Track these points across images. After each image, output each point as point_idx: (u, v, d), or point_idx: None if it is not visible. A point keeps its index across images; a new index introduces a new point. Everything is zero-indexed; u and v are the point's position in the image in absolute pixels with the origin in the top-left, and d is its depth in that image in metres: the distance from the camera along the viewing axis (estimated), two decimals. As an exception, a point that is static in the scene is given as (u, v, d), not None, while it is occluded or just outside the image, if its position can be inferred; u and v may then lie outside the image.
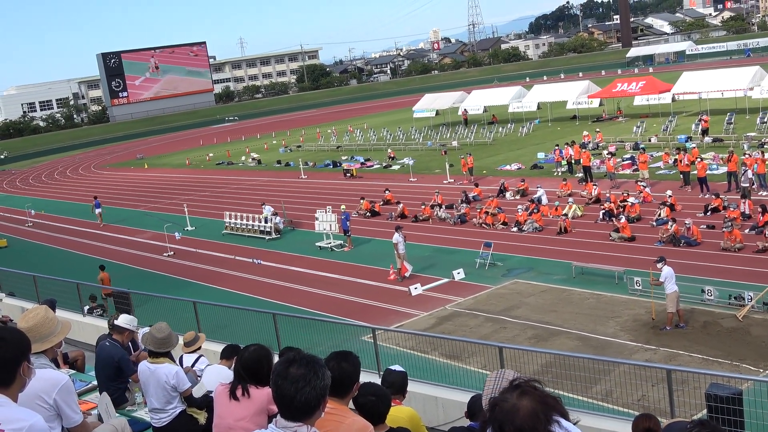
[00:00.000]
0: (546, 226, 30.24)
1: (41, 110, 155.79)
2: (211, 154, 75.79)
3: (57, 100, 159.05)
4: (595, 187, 34.21)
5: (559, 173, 40.15)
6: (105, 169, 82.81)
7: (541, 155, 45.99)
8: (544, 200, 33.63)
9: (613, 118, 58.50)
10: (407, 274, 25.72)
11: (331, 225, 31.90)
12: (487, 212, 32.36)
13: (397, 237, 25.54)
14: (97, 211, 45.76)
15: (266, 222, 35.69)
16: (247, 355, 5.92)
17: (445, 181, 42.55)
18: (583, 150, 39.43)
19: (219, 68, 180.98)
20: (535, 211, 31.43)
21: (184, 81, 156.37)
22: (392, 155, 54.66)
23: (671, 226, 26.02)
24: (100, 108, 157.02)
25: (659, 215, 28.57)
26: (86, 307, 20.22)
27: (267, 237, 35.22)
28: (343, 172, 51.13)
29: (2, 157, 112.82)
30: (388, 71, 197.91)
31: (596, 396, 13.56)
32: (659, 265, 19.01)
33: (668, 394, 10.49)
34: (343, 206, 33.03)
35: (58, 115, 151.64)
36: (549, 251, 27.07)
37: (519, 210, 31.20)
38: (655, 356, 16.91)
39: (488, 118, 67.82)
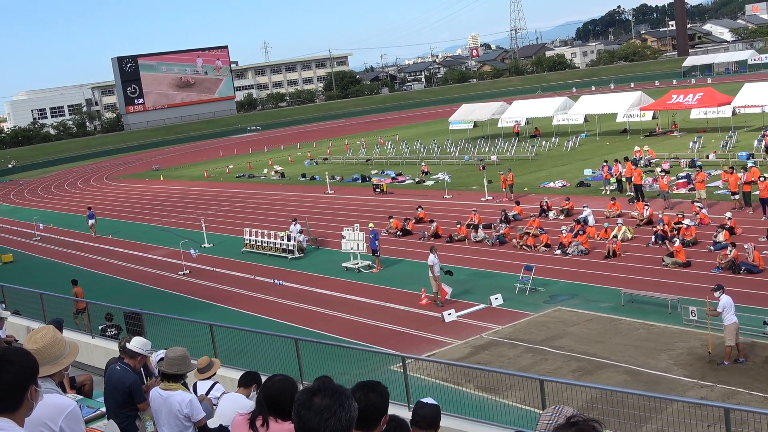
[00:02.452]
0: (592, 249, 30.02)
1: (52, 117, 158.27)
2: (231, 166, 76.42)
3: (69, 106, 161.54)
4: (646, 207, 33.92)
5: (608, 192, 39.88)
6: (118, 180, 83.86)
7: (588, 172, 45.75)
8: (591, 221, 33.40)
9: (668, 133, 58.04)
10: (448, 296, 25.66)
11: (358, 244, 31.94)
12: (528, 233, 32.22)
13: (432, 258, 25.49)
14: (90, 222, 47.30)
15: (289, 240, 35.84)
16: (270, 384, 5.92)
17: (482, 199, 42.48)
18: (635, 167, 39.13)
19: (241, 74, 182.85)
20: (580, 232, 31.21)
21: (203, 87, 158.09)
22: (426, 170, 54.68)
23: (730, 251, 25.69)
24: (115, 115, 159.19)
25: (717, 239, 28.23)
26: (101, 327, 20.41)
27: (290, 256, 35.35)
28: (372, 187, 51.27)
29: (10, 166, 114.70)
30: (423, 79, 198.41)
31: (646, 436, 13.37)
32: (717, 294, 18.77)
33: (726, 435, 10.31)
34: (371, 224, 33.09)
35: (70, 122, 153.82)
36: (595, 276, 26.85)
37: (563, 231, 31.01)
38: (711, 394, 16.67)
39: (530, 131, 67.70)
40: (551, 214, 36.43)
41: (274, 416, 5.83)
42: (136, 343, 9.70)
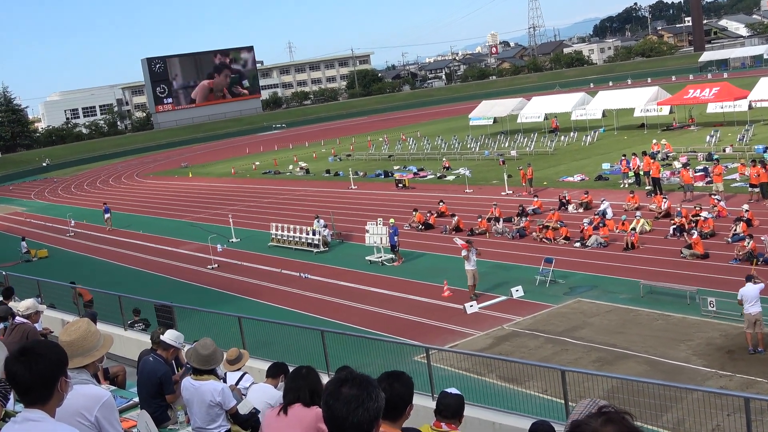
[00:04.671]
0: (611, 242, 29.83)
1: (84, 117, 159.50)
2: (257, 163, 76.69)
3: (100, 106, 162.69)
4: (665, 200, 33.64)
5: (626, 185, 39.60)
6: (148, 177, 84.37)
7: (606, 166, 45.45)
8: (610, 214, 33.18)
9: (685, 127, 57.51)
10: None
11: (381, 238, 31.96)
12: (547, 226, 32.07)
13: (464, 253, 25.39)
14: (106, 216, 49.42)
15: (314, 234, 35.91)
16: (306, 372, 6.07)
17: (503, 193, 42.34)
18: (653, 161, 38.85)
19: (266, 74, 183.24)
20: (600, 225, 31.03)
21: (230, 87, 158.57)
22: (447, 165, 54.61)
23: (748, 242, 25.41)
24: (145, 115, 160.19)
25: (735, 231, 27.94)
26: (129, 322, 20.52)
27: (315, 250, 35.42)
28: (395, 182, 51.24)
29: (44, 164, 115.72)
30: (443, 77, 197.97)
31: (666, 425, 13.28)
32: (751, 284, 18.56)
33: (746, 424, 10.20)
34: (392, 219, 33.04)
35: (102, 121, 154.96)
36: (615, 268, 26.68)
37: (585, 224, 30.82)
38: (730, 383, 16.50)
39: (548, 126, 67.41)
40: (570, 208, 36.24)
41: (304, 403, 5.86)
42: (170, 336, 9.75)
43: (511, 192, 42.44)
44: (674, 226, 29.65)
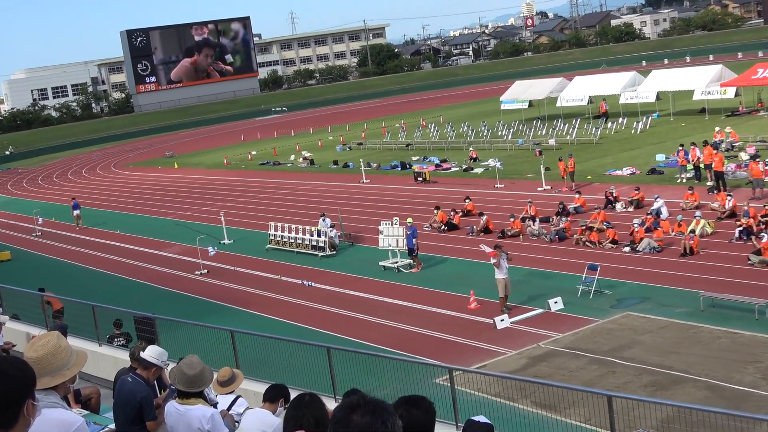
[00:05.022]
0: (666, 246, 29.70)
1: (54, 98, 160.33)
2: (253, 152, 76.74)
3: (72, 86, 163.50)
4: (729, 197, 33.49)
5: (684, 180, 39.46)
6: (127, 168, 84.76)
7: (660, 157, 45.27)
8: (665, 213, 33.04)
9: (753, 112, 57.19)
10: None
11: (397, 240, 31.96)
12: (591, 227, 31.97)
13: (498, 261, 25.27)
14: (75, 213, 49.96)
15: (320, 236, 35.96)
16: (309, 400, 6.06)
17: (539, 189, 42.26)
18: (715, 151, 38.64)
19: (265, 49, 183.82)
20: (653, 226, 30.91)
21: (223, 64, 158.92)
22: (474, 156, 54.54)
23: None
24: (123, 95, 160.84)
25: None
26: (108, 335, 20.57)
27: (320, 254, 35.46)
28: (413, 175, 51.24)
29: (8, 153, 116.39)
30: (470, 53, 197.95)
31: (731, 461, 13.17)
32: None
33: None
34: (409, 219, 32.99)
35: (74, 103, 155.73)
36: (670, 277, 26.54)
37: (635, 225, 30.70)
38: (806, 413, 16.39)
39: (594, 110, 67.20)
40: (618, 206, 36.10)
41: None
42: (152, 353, 9.67)
43: (549, 187, 42.34)
44: (740, 228, 29.47)
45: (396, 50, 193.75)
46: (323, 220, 37.22)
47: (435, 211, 37.82)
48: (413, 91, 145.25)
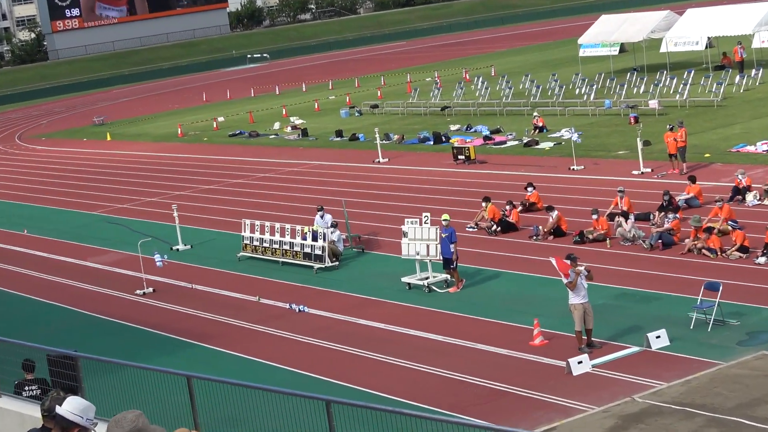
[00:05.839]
0: (819, 257, 29.43)
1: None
2: (220, 119, 76.87)
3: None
4: None
5: None
6: (37, 141, 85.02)
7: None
8: (817, 209, 32.76)
9: None
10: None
11: (428, 247, 31.70)
12: (711, 228, 31.67)
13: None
14: None
15: (316, 239, 35.79)
16: None
17: (635, 172, 42.03)
18: None
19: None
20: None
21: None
22: (540, 124, 54.35)
23: None
24: (33, 36, 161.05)
25: None
26: (16, 381, 20.44)
27: (317, 265, 35.31)
28: (452, 153, 50.98)
29: None
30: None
31: None
32: None
33: None
34: (445, 216, 32.68)
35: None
36: (826, 302, 26.30)
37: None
38: None
39: (716, 58, 66.84)
40: (750, 198, 35.82)
41: None
42: (72, 406, 9.57)
43: (649, 170, 42.16)
44: None
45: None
46: (321, 218, 37.06)
47: (483, 205, 37.57)
48: (451, 30, 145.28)
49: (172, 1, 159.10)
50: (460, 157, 50.00)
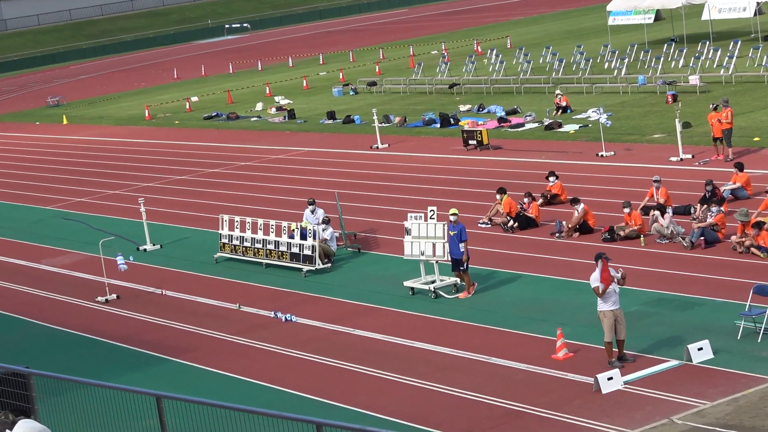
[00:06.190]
0: None
1: None
2: (194, 99, 76.94)
3: None
4: None
5: None
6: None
7: None
8: None
9: None
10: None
11: (434, 245, 31.76)
12: (760, 224, 31.72)
13: (597, 275, 24.96)
14: None
15: (305, 238, 35.90)
16: None
17: (673, 158, 42.12)
18: None
19: None
20: None
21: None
22: (564, 103, 54.51)
23: None
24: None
25: None
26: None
27: (305, 267, 35.43)
28: (461, 137, 51.07)
29: None
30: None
31: None
32: None
33: None
34: (453, 210, 32.66)
35: None
36: None
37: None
38: None
39: (765, 27, 66.70)
40: (806, 189, 35.92)
41: None
42: (24, 429, 9.78)
43: (689, 156, 42.25)
44: None
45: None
46: (312, 213, 37.16)
47: (498, 197, 37.63)
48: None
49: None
50: (471, 142, 50.11)
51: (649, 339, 26.09)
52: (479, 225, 36.19)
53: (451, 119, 55.54)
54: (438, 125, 55.71)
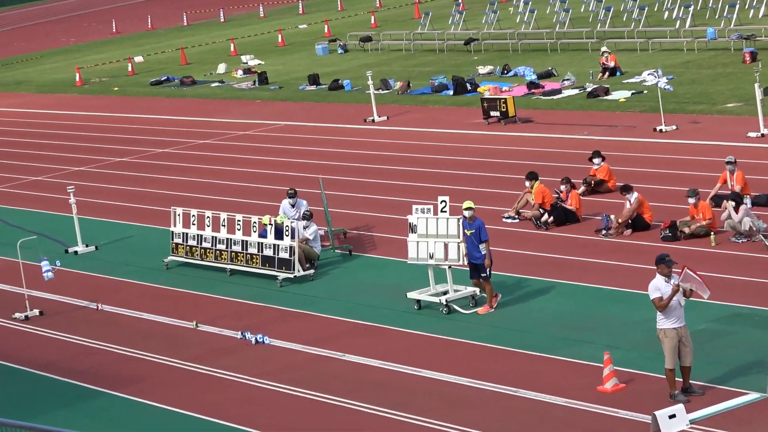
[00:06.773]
0: None
1: None
2: (138, 59, 77.30)
3: None
4: None
5: None
6: None
7: None
8: None
9: None
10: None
11: (446, 246, 31.92)
12: None
13: (656, 285, 24.90)
14: None
15: (280, 237, 35.97)
16: None
17: (752, 134, 42.26)
18: None
19: None
20: None
21: None
22: (611, 63, 54.78)
23: None
24: None
25: None
26: None
27: (281, 275, 35.63)
28: (481, 107, 51.32)
29: None
30: None
31: None
32: None
33: None
34: (468, 204, 32.62)
35: None
36: None
37: None
38: None
39: None
40: None
41: None
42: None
43: (770, 132, 42.46)
44: None
45: None
46: (292, 206, 37.26)
47: (527, 184, 37.84)
48: None
49: None
50: (493, 113, 50.27)
51: (722, 366, 26.06)
52: (504, 220, 36.34)
53: (468, 84, 55.70)
54: (451, 92, 55.88)
